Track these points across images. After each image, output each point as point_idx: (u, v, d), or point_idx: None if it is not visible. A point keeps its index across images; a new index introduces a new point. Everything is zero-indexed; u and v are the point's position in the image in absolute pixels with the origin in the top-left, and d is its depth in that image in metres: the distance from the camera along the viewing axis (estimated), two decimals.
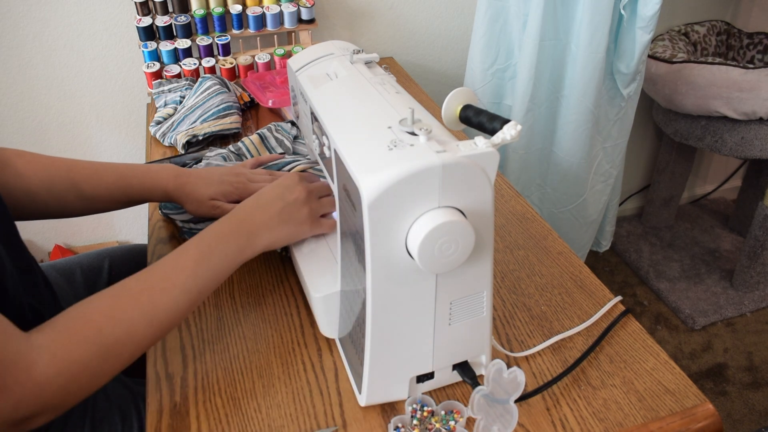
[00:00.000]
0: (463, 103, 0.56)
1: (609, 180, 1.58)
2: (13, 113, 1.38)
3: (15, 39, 1.30)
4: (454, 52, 1.62)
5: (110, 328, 0.55)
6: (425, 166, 0.47)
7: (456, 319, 0.57)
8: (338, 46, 0.74)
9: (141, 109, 1.45)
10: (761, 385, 1.56)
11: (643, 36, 1.30)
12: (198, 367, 0.67)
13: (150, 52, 1.26)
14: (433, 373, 0.60)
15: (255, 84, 1.22)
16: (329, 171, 0.62)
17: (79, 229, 1.56)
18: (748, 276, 1.76)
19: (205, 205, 0.78)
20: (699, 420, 0.59)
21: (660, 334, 1.72)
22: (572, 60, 1.35)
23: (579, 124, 1.40)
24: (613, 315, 0.71)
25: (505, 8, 1.34)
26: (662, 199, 2.04)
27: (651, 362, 0.65)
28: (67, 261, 0.94)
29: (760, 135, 1.56)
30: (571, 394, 0.62)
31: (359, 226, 0.51)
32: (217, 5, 1.27)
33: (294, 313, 0.73)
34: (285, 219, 0.68)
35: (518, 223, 0.88)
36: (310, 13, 1.34)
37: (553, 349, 0.67)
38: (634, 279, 1.93)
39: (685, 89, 1.58)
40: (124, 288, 0.58)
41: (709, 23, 1.80)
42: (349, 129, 0.56)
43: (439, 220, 0.48)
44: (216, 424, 0.60)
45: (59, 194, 0.76)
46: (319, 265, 0.69)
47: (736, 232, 2.06)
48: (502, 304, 0.74)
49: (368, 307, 0.54)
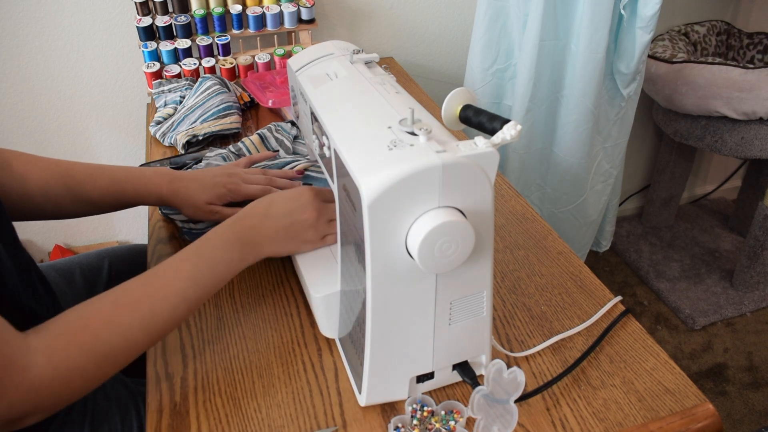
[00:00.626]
0: (463, 103, 0.56)
1: (609, 180, 1.58)
2: (12, 113, 1.38)
3: (15, 39, 1.30)
4: (454, 52, 1.62)
5: (107, 335, 0.55)
6: (425, 166, 0.47)
7: (456, 319, 0.57)
8: (338, 46, 0.74)
9: (141, 109, 1.45)
10: (761, 385, 1.56)
11: (643, 36, 1.30)
12: (198, 367, 0.67)
13: (150, 52, 1.26)
14: (433, 373, 0.60)
15: (255, 84, 1.22)
16: (329, 171, 0.62)
17: (78, 230, 1.56)
18: (748, 276, 1.76)
19: (202, 210, 0.78)
20: (699, 420, 0.59)
21: (660, 334, 1.72)
22: (572, 60, 1.34)
23: (579, 124, 1.40)
24: (613, 315, 0.71)
25: (505, 8, 1.34)
26: (662, 199, 2.04)
27: (651, 362, 0.65)
28: (67, 261, 0.94)
29: (760, 135, 1.56)
30: (571, 394, 0.62)
31: (359, 226, 0.51)
32: (217, 5, 1.27)
33: (294, 313, 0.73)
34: (291, 236, 0.68)
35: (518, 223, 0.88)
36: (310, 13, 1.34)
37: (553, 349, 0.67)
38: (634, 279, 1.93)
39: (685, 89, 1.58)
40: (125, 293, 0.58)
41: (709, 23, 1.80)
42: (349, 129, 0.56)
43: (439, 220, 0.48)
44: (216, 424, 0.60)
45: (55, 197, 0.76)
46: (319, 265, 0.69)
47: (736, 232, 2.06)
48: (502, 304, 0.74)
49: (368, 307, 0.54)
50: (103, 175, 0.78)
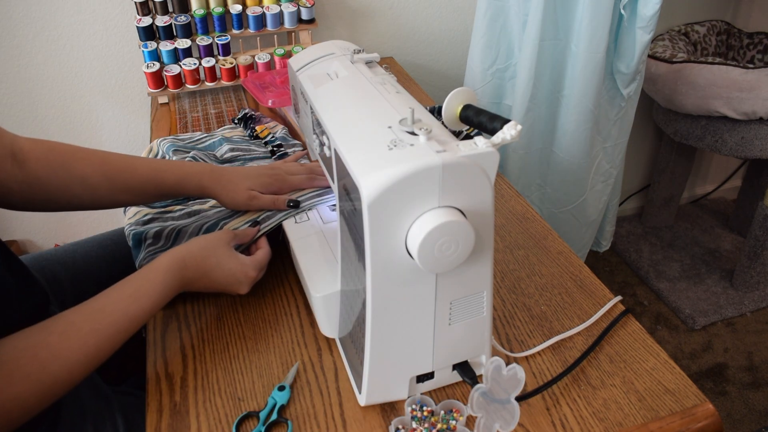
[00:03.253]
0: (463, 103, 0.56)
1: (609, 180, 1.58)
2: (12, 113, 1.38)
3: (15, 39, 1.30)
4: (454, 52, 1.62)
5: (54, 367, 0.55)
6: (425, 165, 0.47)
7: (456, 319, 0.57)
8: (339, 45, 0.74)
9: (141, 109, 1.45)
10: (761, 385, 1.56)
11: (643, 36, 1.30)
12: (198, 367, 0.67)
13: (150, 52, 1.26)
14: (433, 373, 0.60)
15: (255, 84, 1.22)
16: (329, 171, 0.62)
17: (79, 229, 1.57)
18: (748, 276, 1.76)
19: (242, 195, 0.79)
20: (699, 420, 0.59)
21: (660, 334, 1.72)
22: (572, 60, 1.35)
23: (579, 124, 1.40)
24: (613, 315, 0.71)
25: (505, 8, 1.34)
26: (662, 199, 2.04)
27: (651, 362, 0.65)
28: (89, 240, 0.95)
29: (760, 135, 1.56)
30: (571, 394, 0.62)
31: (359, 225, 0.51)
32: (217, 5, 1.27)
33: (294, 313, 0.73)
34: (224, 287, 0.71)
35: (518, 223, 0.88)
36: (310, 13, 1.34)
37: (553, 349, 0.67)
38: (634, 279, 1.93)
39: (685, 89, 1.58)
40: (72, 326, 0.58)
41: (709, 23, 1.80)
42: (349, 129, 0.56)
43: (439, 219, 0.48)
44: (216, 424, 0.60)
45: (92, 186, 0.76)
46: (319, 265, 0.69)
47: (736, 232, 2.06)
48: (502, 304, 0.74)
49: (368, 307, 0.54)
50: (143, 164, 0.79)
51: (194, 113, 1.25)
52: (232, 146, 1.00)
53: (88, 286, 0.87)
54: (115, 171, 0.77)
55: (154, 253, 0.78)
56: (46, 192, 0.73)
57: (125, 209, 0.89)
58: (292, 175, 0.82)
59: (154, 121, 1.24)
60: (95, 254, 0.93)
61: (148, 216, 0.85)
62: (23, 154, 0.72)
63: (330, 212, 0.77)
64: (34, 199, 0.74)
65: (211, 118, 1.22)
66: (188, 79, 1.28)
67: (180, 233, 0.81)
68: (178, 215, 0.85)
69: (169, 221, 0.84)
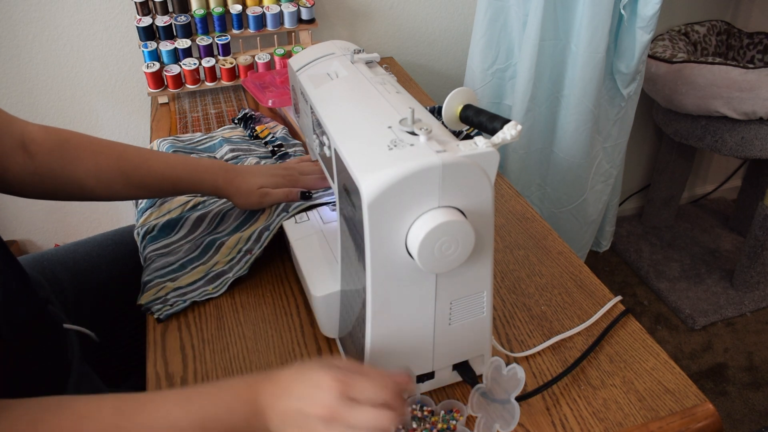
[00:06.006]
0: (463, 103, 0.56)
1: (609, 180, 1.58)
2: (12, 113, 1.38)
3: (15, 39, 1.30)
4: (454, 52, 1.62)
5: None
6: (425, 165, 0.47)
7: (456, 319, 0.57)
8: (339, 45, 0.74)
9: (141, 109, 1.45)
10: (761, 385, 1.56)
11: (643, 36, 1.30)
12: (198, 367, 0.67)
13: (150, 52, 1.26)
14: (433, 373, 0.60)
15: (255, 84, 1.22)
16: (329, 171, 0.62)
17: (79, 229, 1.57)
18: (748, 276, 1.76)
19: (254, 194, 0.80)
20: (699, 420, 0.59)
21: (660, 334, 1.72)
22: (572, 60, 1.35)
23: (579, 124, 1.40)
24: (613, 315, 0.71)
25: (505, 8, 1.34)
26: (662, 199, 2.04)
27: (651, 362, 0.65)
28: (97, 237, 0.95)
29: (760, 135, 1.56)
30: (571, 394, 0.62)
31: (359, 225, 0.51)
32: (217, 5, 1.27)
33: (294, 313, 0.73)
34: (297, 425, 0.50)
35: (518, 223, 0.88)
36: (310, 13, 1.34)
37: (553, 349, 0.67)
38: (634, 279, 1.93)
39: (685, 89, 1.58)
40: (94, 413, 0.48)
41: (709, 23, 1.80)
42: (349, 129, 0.56)
43: (439, 219, 0.48)
44: None
45: (107, 180, 0.76)
46: (319, 265, 0.69)
47: (736, 232, 2.06)
48: (502, 304, 0.74)
49: (368, 307, 0.54)
50: (159, 160, 0.79)
51: (194, 113, 1.25)
52: (232, 146, 1.00)
53: (88, 286, 0.87)
54: (131, 167, 0.77)
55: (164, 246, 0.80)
56: (58, 183, 0.73)
57: (136, 202, 0.91)
58: (305, 175, 0.83)
59: (154, 121, 1.24)
60: (96, 254, 0.93)
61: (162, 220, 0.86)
62: (35, 145, 0.71)
63: (330, 212, 0.77)
64: (45, 190, 0.74)
65: (211, 118, 1.22)
66: (188, 79, 1.28)
67: None
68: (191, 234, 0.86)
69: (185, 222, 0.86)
